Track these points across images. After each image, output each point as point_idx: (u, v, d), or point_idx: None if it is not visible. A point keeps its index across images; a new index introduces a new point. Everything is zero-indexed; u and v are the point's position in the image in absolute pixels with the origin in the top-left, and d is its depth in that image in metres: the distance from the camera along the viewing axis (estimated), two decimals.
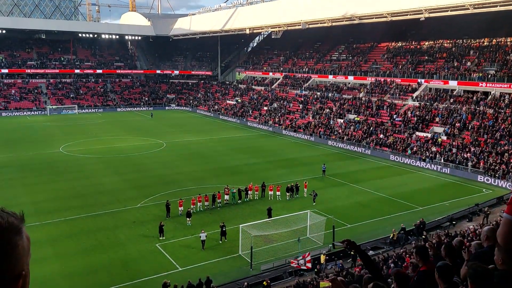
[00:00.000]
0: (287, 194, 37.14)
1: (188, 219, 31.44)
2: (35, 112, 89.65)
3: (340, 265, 24.95)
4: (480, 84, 57.81)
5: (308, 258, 24.73)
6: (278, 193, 37.03)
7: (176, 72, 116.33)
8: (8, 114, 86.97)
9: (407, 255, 23.26)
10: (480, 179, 43.86)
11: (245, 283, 22.91)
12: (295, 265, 24.78)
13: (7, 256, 1.52)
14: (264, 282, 22.92)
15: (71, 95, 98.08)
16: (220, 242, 28.37)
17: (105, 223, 31.44)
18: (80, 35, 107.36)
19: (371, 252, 27.72)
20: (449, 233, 27.55)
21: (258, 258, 26.25)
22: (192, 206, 33.44)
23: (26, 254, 1.60)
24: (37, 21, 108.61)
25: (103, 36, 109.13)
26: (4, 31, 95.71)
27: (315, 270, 24.60)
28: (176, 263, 25.81)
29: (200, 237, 27.79)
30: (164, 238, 28.58)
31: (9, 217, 1.56)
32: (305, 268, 24.78)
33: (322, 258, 26.10)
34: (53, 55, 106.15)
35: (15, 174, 43.45)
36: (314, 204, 34.97)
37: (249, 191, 37.02)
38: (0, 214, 1.56)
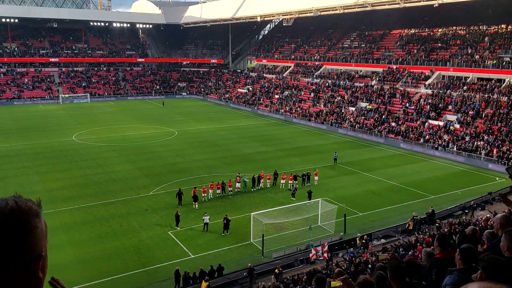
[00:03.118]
0: (295, 182, 36.95)
1: (194, 203, 32.11)
2: (48, 101, 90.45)
3: (351, 253, 25.00)
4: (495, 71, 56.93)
5: (326, 248, 24.84)
6: (290, 181, 37.04)
7: (187, 60, 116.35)
8: (21, 103, 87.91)
9: (419, 244, 23.24)
10: (494, 168, 43.43)
11: (249, 264, 23.10)
12: (314, 258, 24.91)
13: (28, 237, 1.59)
14: (276, 270, 23.09)
15: (83, 84, 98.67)
16: (223, 234, 28.05)
17: (118, 211, 31.80)
18: (91, 23, 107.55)
19: (382, 240, 27.75)
20: (462, 221, 27.43)
21: (270, 246, 26.40)
22: (203, 194, 33.76)
23: (44, 238, 1.66)
24: (49, 10, 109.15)
25: (114, 24, 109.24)
26: (16, 20, 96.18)
27: (326, 258, 24.66)
28: (188, 251, 26.07)
29: (204, 220, 28.37)
30: (179, 228, 28.76)
31: (27, 202, 1.65)
32: (322, 258, 24.86)
33: (358, 241, 26.32)
34: (65, 44, 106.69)
35: (29, 162, 44.02)
36: (293, 199, 33.93)
37: (261, 179, 37.10)
38: (20, 199, 1.64)
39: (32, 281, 1.60)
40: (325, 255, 24.69)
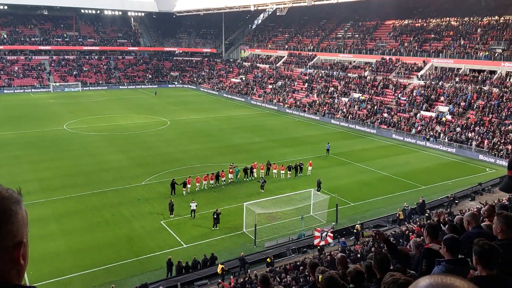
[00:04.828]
0: (289, 172, 37.34)
1: (184, 189, 32.57)
2: (39, 89, 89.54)
3: (343, 243, 25.18)
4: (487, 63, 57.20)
5: (330, 234, 24.91)
6: (282, 171, 37.20)
7: (180, 49, 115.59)
8: (11, 91, 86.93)
9: (411, 233, 23.50)
10: (484, 159, 43.83)
11: (242, 253, 23.29)
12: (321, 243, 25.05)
13: (8, 222, 1.58)
14: (268, 259, 23.25)
15: (74, 72, 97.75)
16: (213, 229, 27.53)
17: (110, 200, 31.73)
18: (82, 11, 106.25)
19: (373, 230, 27.98)
20: (451, 212, 27.71)
21: (262, 235, 26.54)
22: (197, 184, 33.76)
23: (25, 225, 1.66)
24: None
25: (105, 12, 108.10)
26: (6, 7, 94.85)
27: (318, 248, 24.84)
28: (181, 240, 26.13)
29: (190, 206, 28.69)
30: (173, 216, 28.91)
31: (8, 189, 1.65)
32: (323, 243, 24.87)
33: (358, 227, 26.62)
34: (55, 32, 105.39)
35: (20, 152, 43.69)
36: (261, 191, 33.71)
37: (253, 169, 37.17)
38: (0, 187, 1.65)
39: (13, 267, 1.60)
40: (328, 239, 24.76)
